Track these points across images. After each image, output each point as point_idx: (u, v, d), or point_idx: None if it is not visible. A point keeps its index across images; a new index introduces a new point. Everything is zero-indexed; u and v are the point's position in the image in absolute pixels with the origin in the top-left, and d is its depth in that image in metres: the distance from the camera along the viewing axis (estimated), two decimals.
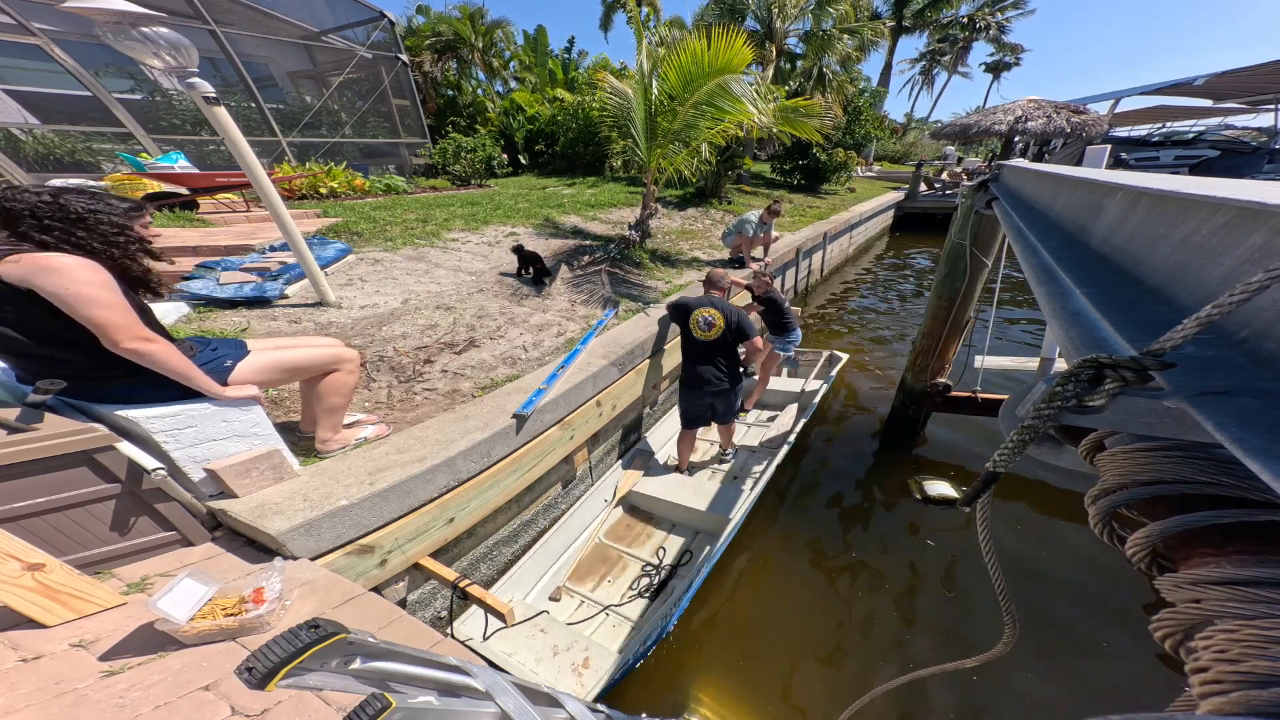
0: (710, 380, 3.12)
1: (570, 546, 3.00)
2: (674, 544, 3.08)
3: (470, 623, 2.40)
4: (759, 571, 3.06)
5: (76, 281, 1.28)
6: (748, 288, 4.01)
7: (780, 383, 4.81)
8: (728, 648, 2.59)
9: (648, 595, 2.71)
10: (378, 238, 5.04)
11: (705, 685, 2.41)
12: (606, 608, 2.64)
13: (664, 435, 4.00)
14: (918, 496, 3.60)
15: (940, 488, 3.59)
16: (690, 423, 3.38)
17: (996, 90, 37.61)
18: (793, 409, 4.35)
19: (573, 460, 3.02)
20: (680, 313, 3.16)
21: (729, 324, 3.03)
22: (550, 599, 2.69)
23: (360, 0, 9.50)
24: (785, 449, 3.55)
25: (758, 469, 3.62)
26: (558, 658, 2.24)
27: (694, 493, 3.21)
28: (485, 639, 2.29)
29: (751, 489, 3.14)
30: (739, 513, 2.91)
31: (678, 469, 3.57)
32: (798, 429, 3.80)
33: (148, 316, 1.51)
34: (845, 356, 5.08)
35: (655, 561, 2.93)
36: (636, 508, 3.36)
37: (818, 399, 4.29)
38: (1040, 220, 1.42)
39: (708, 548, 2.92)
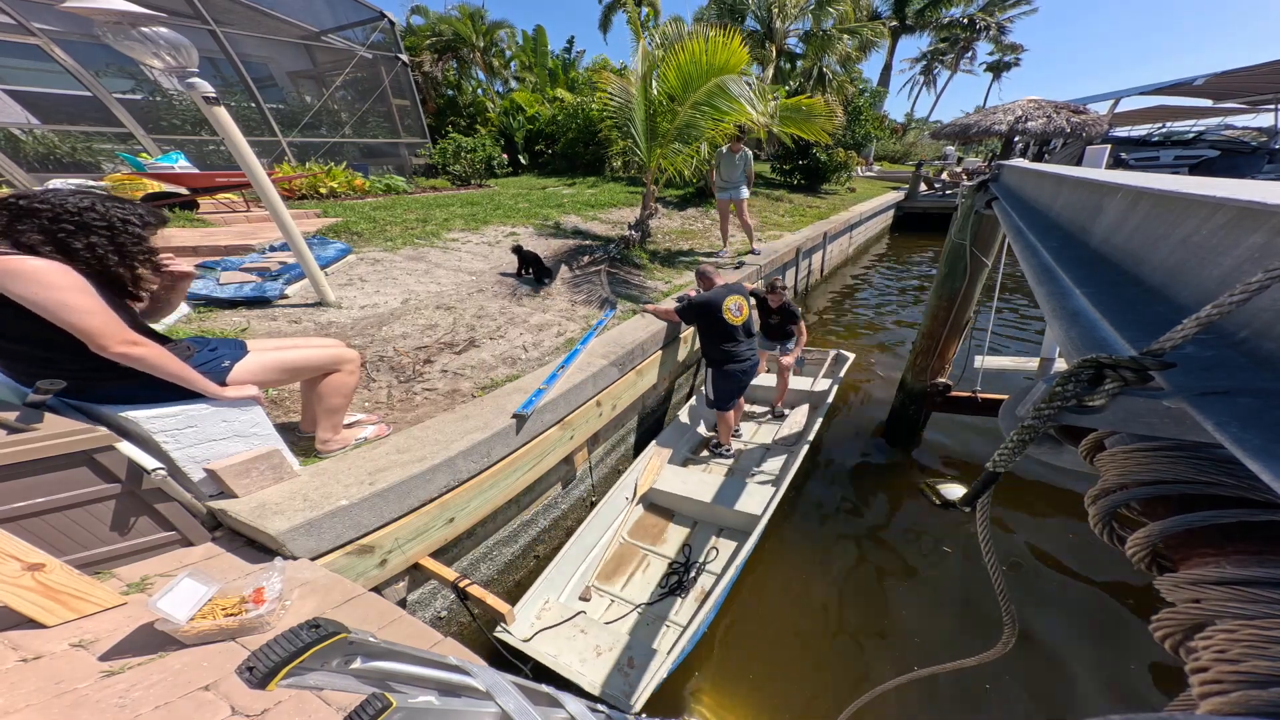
0: (747, 356, 3.43)
1: (595, 546, 3.01)
2: (697, 540, 3.11)
3: (516, 625, 2.38)
4: (760, 571, 3.06)
5: (48, 287, 1.24)
6: (759, 297, 3.90)
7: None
8: (728, 648, 2.59)
9: (678, 592, 2.72)
10: (378, 238, 5.04)
11: (706, 685, 2.41)
12: (638, 606, 2.65)
13: (680, 431, 4.00)
14: (936, 502, 3.55)
15: (956, 490, 3.56)
16: (726, 402, 3.61)
17: (997, 90, 37.64)
18: (804, 408, 4.34)
19: (573, 460, 3.02)
20: (704, 308, 3.34)
21: (749, 303, 3.48)
22: (580, 599, 2.71)
23: (360, 0, 9.51)
24: (805, 447, 3.56)
25: (774, 466, 3.66)
26: (602, 658, 2.23)
27: (714, 489, 3.22)
28: (528, 640, 2.29)
29: (777, 486, 3.15)
30: (768, 510, 2.89)
31: (717, 444, 3.86)
32: (815, 427, 3.80)
33: (133, 319, 1.50)
34: (852, 356, 5.01)
35: (681, 559, 2.95)
36: (657, 505, 3.37)
37: (830, 399, 4.26)
38: (1040, 220, 1.42)
39: (735, 544, 2.96)
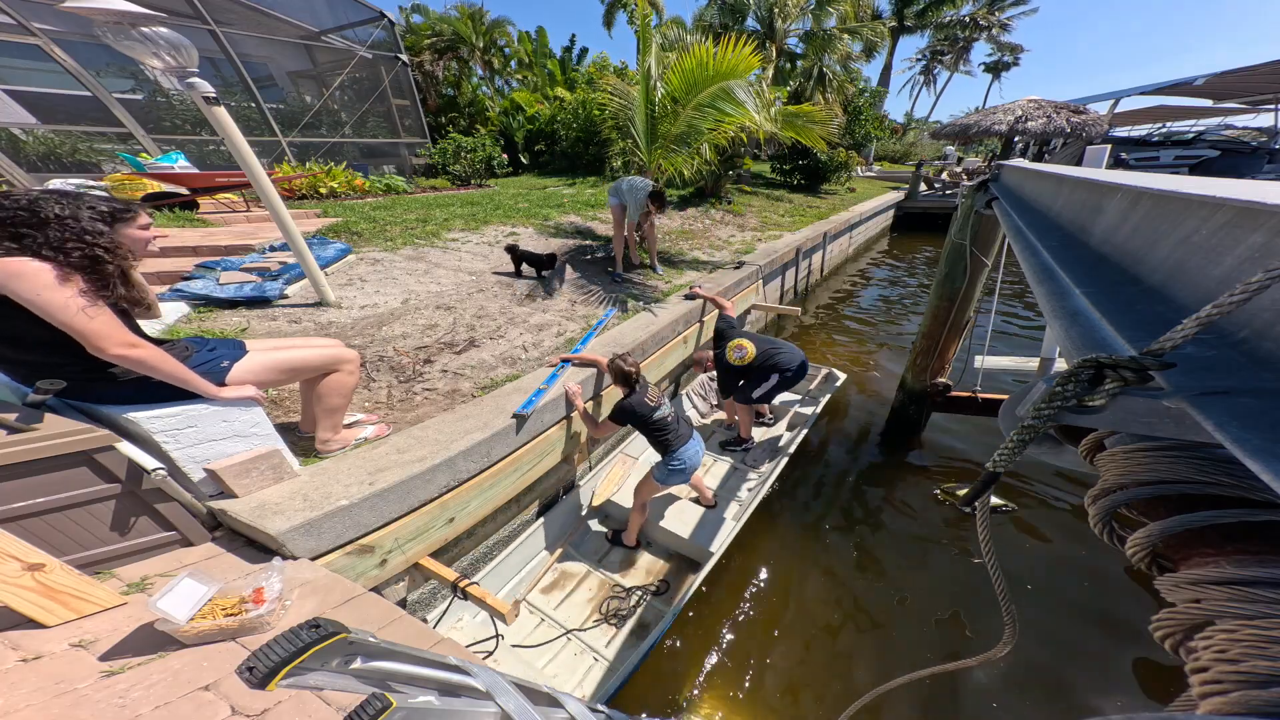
0: (786, 351, 3.37)
1: (535, 558, 2.83)
2: (648, 565, 2.89)
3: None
4: (758, 571, 3.06)
5: (48, 288, 1.25)
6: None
7: None
8: (728, 648, 2.59)
9: (613, 622, 2.53)
10: (378, 238, 5.04)
11: (705, 686, 2.41)
12: (568, 632, 2.47)
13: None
14: (964, 508, 3.50)
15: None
16: (769, 397, 3.55)
17: (998, 90, 37.65)
18: (782, 425, 4.06)
19: (573, 460, 3.02)
20: (720, 339, 3.45)
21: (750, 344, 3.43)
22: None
23: (360, 0, 9.51)
24: (777, 470, 3.30)
25: (741, 493, 3.38)
26: None
27: (673, 513, 3.02)
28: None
29: (736, 520, 2.91)
30: (720, 546, 2.70)
31: (738, 439, 3.82)
32: (780, 466, 3.43)
33: (132, 323, 1.49)
34: (843, 376, 4.60)
35: (625, 584, 2.74)
36: (611, 517, 3.20)
37: (810, 423, 3.93)
38: (1040, 220, 1.42)
39: (687, 577, 2.73)
